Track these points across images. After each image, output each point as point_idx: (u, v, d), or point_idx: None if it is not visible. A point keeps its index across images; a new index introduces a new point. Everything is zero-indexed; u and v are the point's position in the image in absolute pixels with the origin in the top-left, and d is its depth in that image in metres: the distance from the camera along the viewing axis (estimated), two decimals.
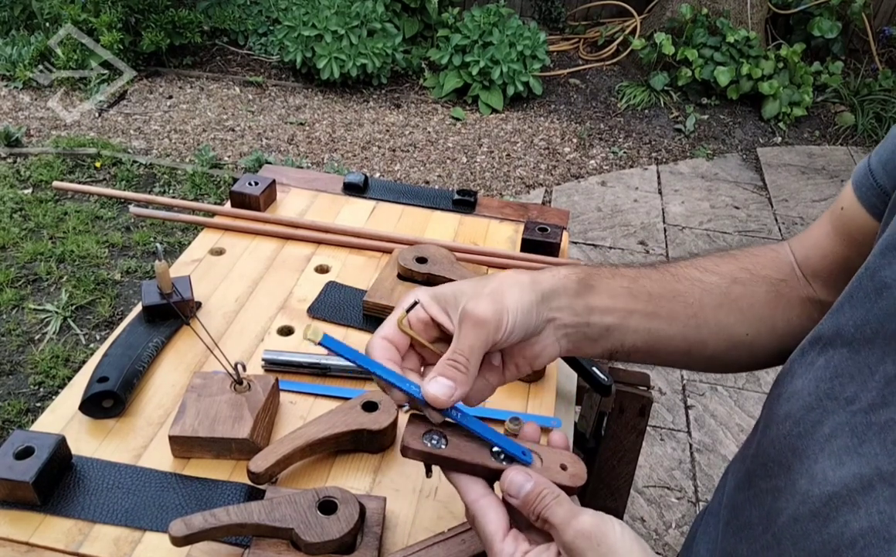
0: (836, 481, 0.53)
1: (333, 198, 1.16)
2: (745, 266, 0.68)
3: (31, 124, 3.45)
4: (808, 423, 0.58)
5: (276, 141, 3.50)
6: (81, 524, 0.65)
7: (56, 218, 2.80)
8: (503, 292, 0.55)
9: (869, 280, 0.55)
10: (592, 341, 0.62)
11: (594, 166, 3.57)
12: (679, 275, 0.66)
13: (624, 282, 0.63)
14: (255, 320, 0.90)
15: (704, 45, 4.00)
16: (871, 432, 0.52)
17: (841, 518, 0.52)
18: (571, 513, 0.50)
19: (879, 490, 0.50)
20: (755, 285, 0.67)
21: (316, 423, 0.72)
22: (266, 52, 4.18)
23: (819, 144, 3.88)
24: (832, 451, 0.55)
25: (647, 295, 0.64)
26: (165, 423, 0.75)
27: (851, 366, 0.55)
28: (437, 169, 3.44)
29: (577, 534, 0.49)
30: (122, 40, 3.71)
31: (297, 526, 0.60)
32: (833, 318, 0.59)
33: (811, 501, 0.55)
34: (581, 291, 0.61)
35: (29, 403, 2.10)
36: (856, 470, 0.52)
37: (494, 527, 0.52)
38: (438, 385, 0.53)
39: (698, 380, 2.37)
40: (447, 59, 3.91)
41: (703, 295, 0.66)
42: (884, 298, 0.53)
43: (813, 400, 0.58)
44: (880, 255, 0.55)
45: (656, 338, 0.64)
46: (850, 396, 0.55)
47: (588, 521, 0.49)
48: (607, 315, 0.62)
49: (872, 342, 0.54)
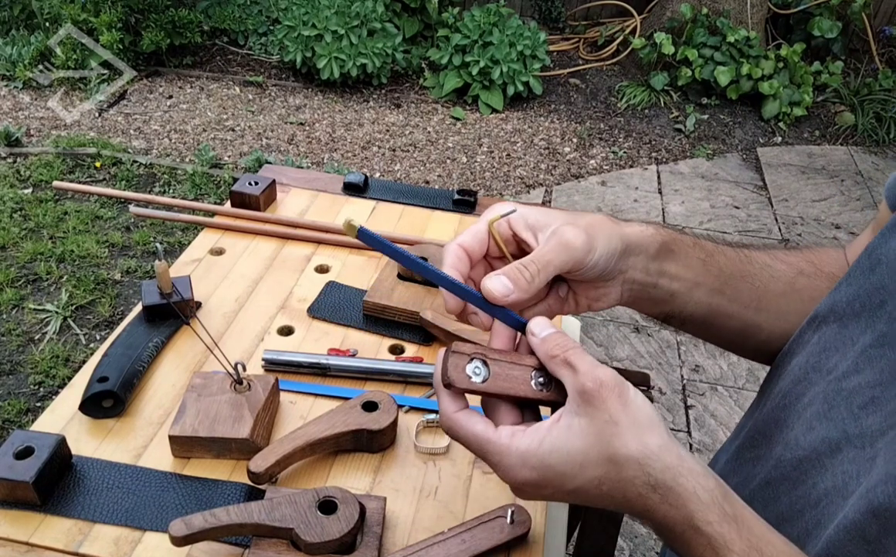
0: (806, 445, 0.55)
1: (333, 198, 1.16)
2: (811, 260, 0.70)
3: (31, 124, 3.45)
4: (794, 395, 0.60)
5: (276, 141, 3.50)
6: (81, 524, 0.65)
7: (56, 218, 2.80)
8: (596, 231, 0.56)
9: (866, 259, 0.57)
10: (654, 303, 0.63)
11: (594, 166, 3.57)
12: (752, 258, 0.67)
13: (701, 254, 0.64)
14: (255, 320, 0.90)
15: (704, 45, 4.00)
16: (840, 398, 0.54)
17: (809, 481, 0.54)
18: (594, 363, 0.50)
19: (845, 451, 0.52)
20: (818, 279, 0.68)
21: (316, 423, 0.72)
22: (266, 52, 4.17)
23: (819, 144, 3.88)
24: (806, 418, 0.57)
25: (719, 271, 0.65)
26: (165, 423, 0.75)
27: (837, 339, 0.57)
28: (437, 169, 3.44)
29: (601, 383, 0.48)
30: (121, 40, 3.71)
31: (297, 526, 0.60)
32: (830, 297, 0.61)
33: (783, 465, 0.57)
34: (660, 253, 0.61)
35: (29, 403, 2.10)
36: (824, 434, 0.54)
37: (482, 426, 0.51)
38: (499, 281, 0.53)
39: (698, 380, 2.37)
40: (447, 59, 3.91)
41: (770, 281, 0.67)
42: (875, 273, 0.55)
43: (801, 374, 0.60)
44: (880, 235, 0.57)
45: (715, 313, 0.65)
46: (831, 366, 0.57)
47: (611, 373, 0.49)
48: (675, 282, 0.62)
49: (859, 316, 0.56)
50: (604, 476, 0.48)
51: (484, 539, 0.62)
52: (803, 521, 0.54)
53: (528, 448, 0.49)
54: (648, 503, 0.48)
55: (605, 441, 0.47)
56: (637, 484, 0.48)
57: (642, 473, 0.47)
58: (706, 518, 0.47)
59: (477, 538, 0.62)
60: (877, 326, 0.53)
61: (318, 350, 0.85)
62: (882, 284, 0.54)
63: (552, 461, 0.48)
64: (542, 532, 0.67)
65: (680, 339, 2.53)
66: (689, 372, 2.40)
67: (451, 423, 0.52)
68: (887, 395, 0.51)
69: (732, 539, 0.47)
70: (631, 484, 0.48)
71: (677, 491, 0.47)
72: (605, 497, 0.49)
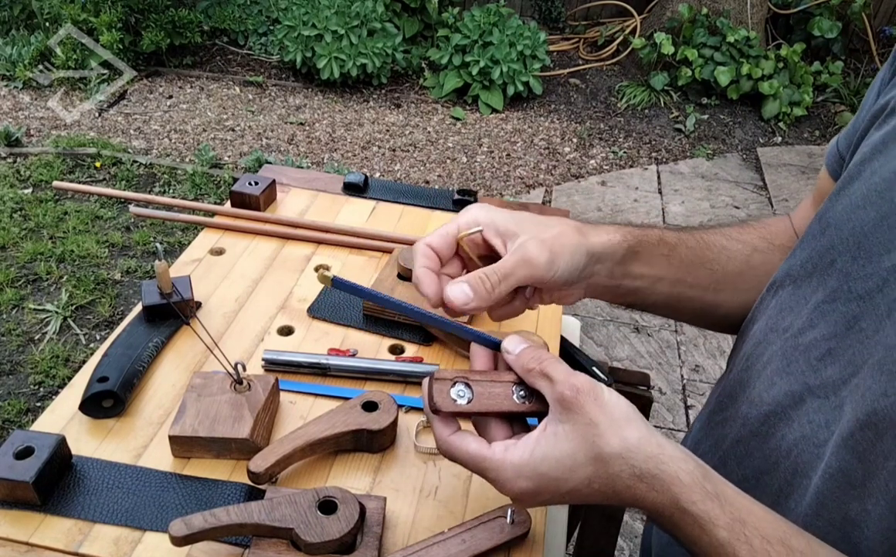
0: (769, 400, 0.59)
1: (333, 198, 1.16)
2: (764, 236, 0.75)
3: (31, 124, 3.45)
4: (754, 357, 0.63)
5: (276, 141, 3.50)
6: (81, 524, 0.65)
7: (56, 218, 2.80)
8: (560, 246, 0.60)
9: (816, 223, 0.61)
10: (617, 296, 0.68)
11: (594, 166, 3.57)
12: (710, 243, 0.72)
13: (665, 250, 0.68)
14: (255, 320, 0.90)
15: (704, 45, 4.00)
16: (798, 352, 0.58)
17: (778, 433, 0.58)
18: (569, 372, 0.52)
19: (809, 402, 0.56)
20: (772, 254, 0.73)
21: (316, 423, 0.72)
22: (266, 52, 4.18)
23: (819, 144, 3.88)
24: (766, 375, 0.60)
25: (680, 262, 0.69)
26: (165, 423, 0.75)
27: (792, 300, 0.61)
28: (437, 169, 3.44)
29: (577, 391, 0.51)
30: (121, 40, 3.71)
31: (297, 526, 0.60)
32: (786, 262, 0.64)
33: (751, 422, 0.61)
34: (626, 258, 0.66)
35: (29, 403, 2.10)
36: (786, 388, 0.58)
37: (476, 446, 0.54)
38: (460, 289, 0.57)
39: (698, 380, 2.37)
40: (447, 59, 3.91)
41: (728, 263, 0.72)
42: (825, 236, 0.59)
43: (761, 335, 0.64)
44: (828, 200, 0.61)
45: (676, 299, 0.70)
46: (787, 325, 0.60)
47: (585, 379, 0.52)
48: (639, 280, 0.67)
49: (811, 276, 0.59)
50: (593, 475, 0.51)
51: (484, 539, 0.62)
52: (779, 472, 0.57)
53: (520, 460, 0.52)
54: (636, 492, 0.51)
55: (590, 442, 0.50)
56: (623, 477, 0.50)
57: (627, 466, 0.50)
58: (690, 499, 0.50)
59: (477, 538, 0.62)
60: (828, 283, 0.57)
61: (318, 350, 0.85)
62: (832, 244, 0.57)
63: (544, 468, 0.51)
64: (542, 532, 0.67)
65: (680, 339, 2.53)
66: (689, 372, 2.41)
67: (447, 447, 0.56)
68: (842, 346, 0.54)
69: (717, 515, 0.49)
70: (618, 478, 0.51)
71: (661, 478, 0.50)
72: (598, 494, 0.52)
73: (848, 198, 0.58)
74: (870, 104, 0.65)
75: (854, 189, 0.57)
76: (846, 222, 0.57)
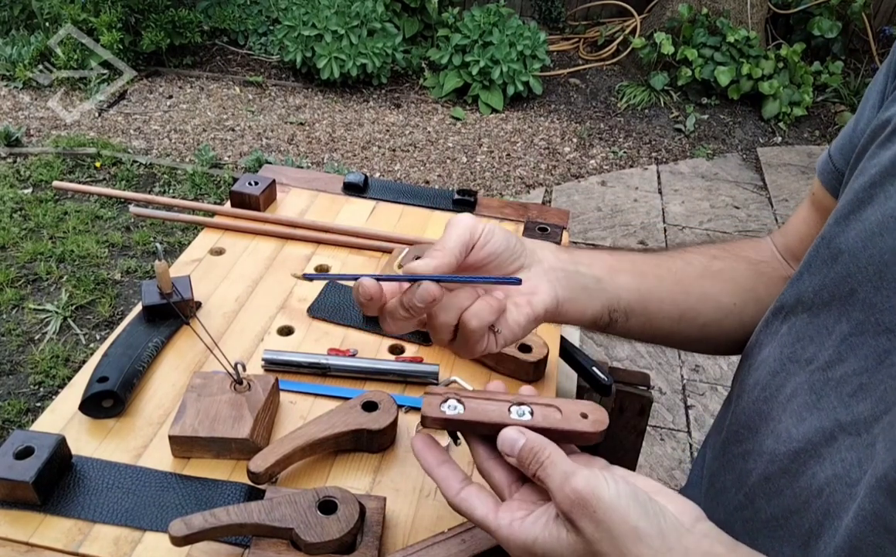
0: (799, 437, 0.57)
1: (333, 198, 1.16)
2: (725, 248, 0.75)
3: (31, 124, 3.45)
4: (773, 387, 0.61)
5: (276, 141, 3.50)
6: (81, 524, 0.65)
7: (56, 218, 2.80)
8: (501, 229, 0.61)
9: (825, 248, 0.59)
10: (588, 293, 0.65)
11: (594, 166, 3.57)
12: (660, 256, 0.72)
13: (604, 254, 0.68)
14: (255, 320, 0.90)
15: (704, 45, 4.00)
16: (829, 387, 0.56)
17: (809, 471, 0.55)
18: (564, 477, 0.49)
19: (840, 440, 0.53)
20: (734, 262, 0.73)
21: (316, 423, 0.72)
22: (266, 52, 4.18)
23: (819, 144, 3.88)
24: (793, 410, 0.58)
25: (631, 262, 0.69)
26: (165, 423, 0.75)
27: (811, 329, 0.59)
28: (437, 169, 3.44)
29: (571, 504, 0.48)
30: (121, 40, 3.71)
31: (297, 526, 0.60)
32: (794, 287, 0.63)
33: (779, 459, 0.58)
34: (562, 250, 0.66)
35: (29, 403, 2.10)
36: (817, 425, 0.55)
37: (482, 511, 0.53)
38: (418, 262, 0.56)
39: (698, 380, 2.37)
40: (447, 58, 3.91)
41: (686, 266, 0.71)
42: (839, 263, 0.57)
43: (777, 365, 0.62)
44: (835, 224, 0.59)
45: (648, 298, 0.69)
46: (810, 356, 0.59)
47: (581, 484, 0.48)
48: (594, 267, 0.66)
49: (829, 305, 0.58)
50: None
51: (484, 539, 0.62)
52: (810, 512, 0.54)
53: (524, 543, 0.51)
54: None
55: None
56: None
57: None
58: None
59: (477, 538, 0.62)
60: (852, 314, 0.55)
61: (318, 350, 0.85)
62: (848, 272, 0.56)
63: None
64: None
65: None
66: (689, 372, 2.41)
67: (455, 504, 0.55)
68: (874, 381, 0.52)
69: None
70: None
71: None
72: None
73: (861, 224, 0.56)
74: (868, 116, 0.63)
75: (868, 215, 0.56)
76: (863, 249, 0.55)
